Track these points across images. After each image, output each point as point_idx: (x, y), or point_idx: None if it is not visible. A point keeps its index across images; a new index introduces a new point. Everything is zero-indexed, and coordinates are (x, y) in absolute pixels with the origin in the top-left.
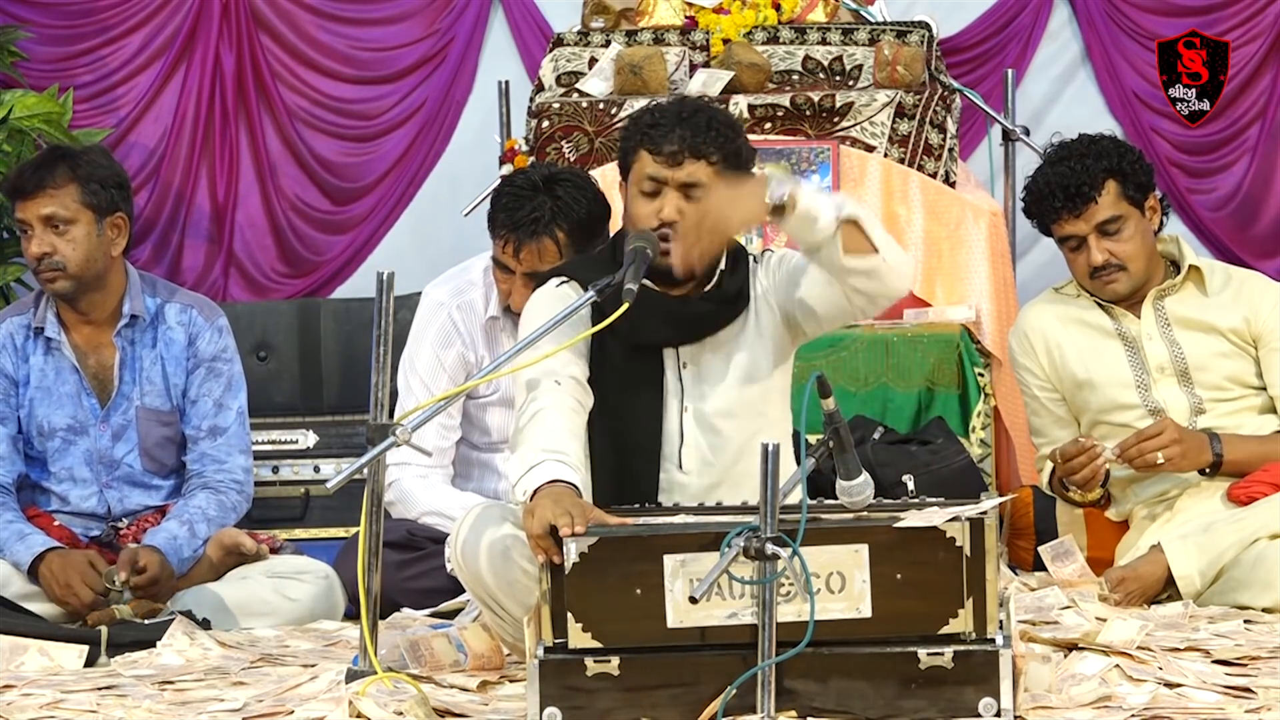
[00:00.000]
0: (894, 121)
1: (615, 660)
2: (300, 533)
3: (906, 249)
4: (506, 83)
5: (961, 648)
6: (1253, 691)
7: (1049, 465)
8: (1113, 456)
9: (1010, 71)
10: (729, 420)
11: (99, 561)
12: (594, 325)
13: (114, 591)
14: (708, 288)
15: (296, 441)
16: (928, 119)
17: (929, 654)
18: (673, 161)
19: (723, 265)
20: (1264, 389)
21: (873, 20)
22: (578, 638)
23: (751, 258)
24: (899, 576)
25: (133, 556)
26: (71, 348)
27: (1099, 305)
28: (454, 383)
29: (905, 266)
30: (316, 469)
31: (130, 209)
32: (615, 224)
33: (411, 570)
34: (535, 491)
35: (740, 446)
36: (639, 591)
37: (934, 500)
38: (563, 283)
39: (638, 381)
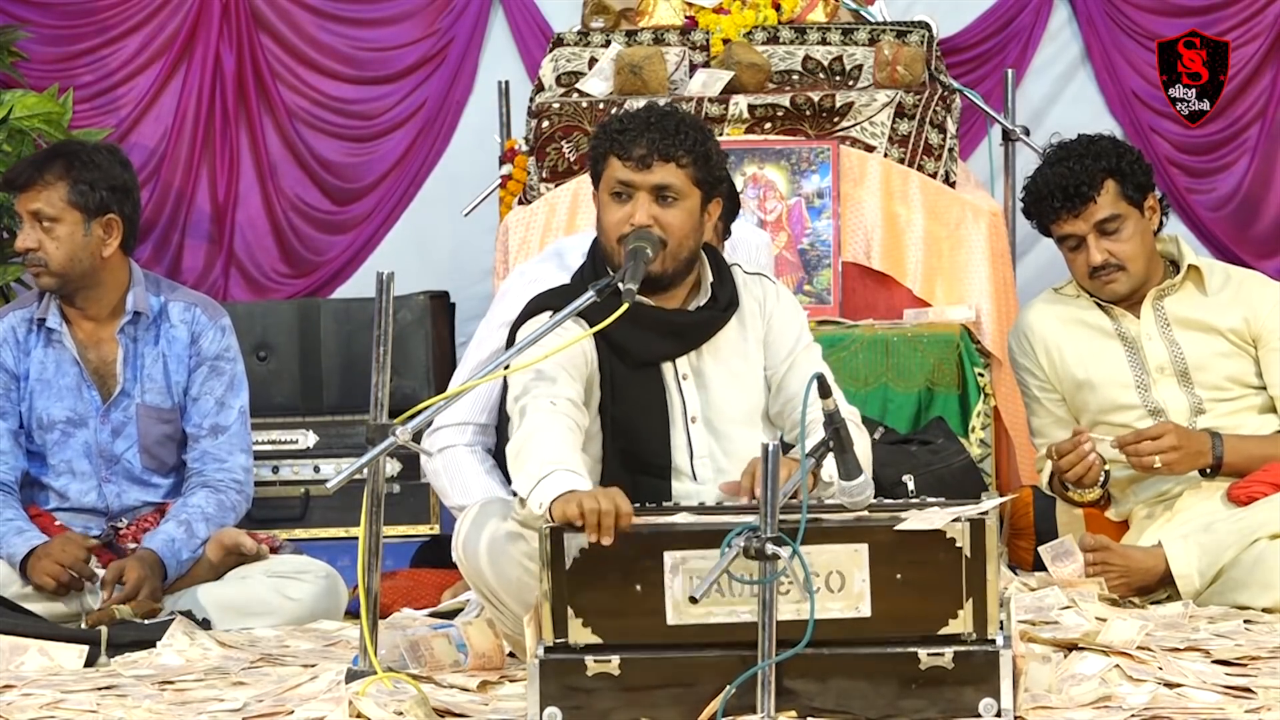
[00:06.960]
0: (894, 121)
1: (615, 660)
2: (300, 533)
3: (906, 249)
4: (506, 83)
5: (961, 648)
6: (1253, 691)
7: (1049, 465)
8: (1111, 448)
9: (1010, 71)
10: (735, 425)
11: (85, 549)
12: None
13: (90, 587)
14: (703, 301)
15: (296, 441)
16: (928, 119)
17: (929, 654)
18: (642, 165)
19: (711, 277)
20: (1264, 388)
21: (873, 20)
22: (578, 633)
23: (737, 266)
24: (899, 576)
25: (117, 572)
26: (73, 341)
27: (1098, 305)
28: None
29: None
30: (316, 469)
31: (126, 210)
32: None
33: None
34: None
35: (750, 450)
36: (639, 588)
37: (934, 500)
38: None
39: (643, 399)
